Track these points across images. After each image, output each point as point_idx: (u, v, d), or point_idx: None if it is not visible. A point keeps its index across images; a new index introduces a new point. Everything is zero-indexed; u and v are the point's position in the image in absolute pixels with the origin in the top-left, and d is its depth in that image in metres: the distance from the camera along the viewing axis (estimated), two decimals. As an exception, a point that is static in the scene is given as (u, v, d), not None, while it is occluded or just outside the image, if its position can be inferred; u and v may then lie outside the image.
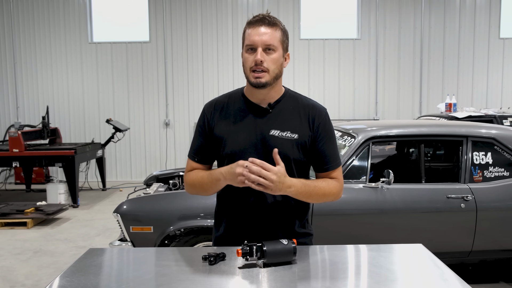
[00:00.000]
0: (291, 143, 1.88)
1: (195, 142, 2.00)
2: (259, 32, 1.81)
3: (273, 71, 1.83)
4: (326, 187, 1.88)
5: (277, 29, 1.84)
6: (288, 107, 1.93)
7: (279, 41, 1.84)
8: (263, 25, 1.82)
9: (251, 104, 1.93)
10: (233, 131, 1.90)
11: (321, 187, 1.87)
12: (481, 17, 10.18)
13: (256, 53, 1.81)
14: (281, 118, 1.91)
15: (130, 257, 1.91)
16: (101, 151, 8.85)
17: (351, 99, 10.26)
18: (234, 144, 1.89)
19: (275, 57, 1.83)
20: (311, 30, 10.19)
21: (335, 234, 3.58)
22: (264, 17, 1.84)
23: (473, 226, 3.65)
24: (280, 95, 1.94)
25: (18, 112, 10.19)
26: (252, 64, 1.82)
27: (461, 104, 9.12)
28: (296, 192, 1.79)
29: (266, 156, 1.85)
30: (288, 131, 1.89)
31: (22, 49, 10.10)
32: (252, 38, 1.82)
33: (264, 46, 1.81)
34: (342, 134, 4.05)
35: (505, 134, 3.92)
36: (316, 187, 1.85)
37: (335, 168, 1.95)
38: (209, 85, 10.12)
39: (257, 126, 1.89)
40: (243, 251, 1.67)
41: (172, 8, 10.01)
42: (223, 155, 1.92)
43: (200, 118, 2.00)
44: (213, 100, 2.02)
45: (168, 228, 3.52)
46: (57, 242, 5.58)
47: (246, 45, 1.85)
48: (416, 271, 1.76)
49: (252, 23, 1.84)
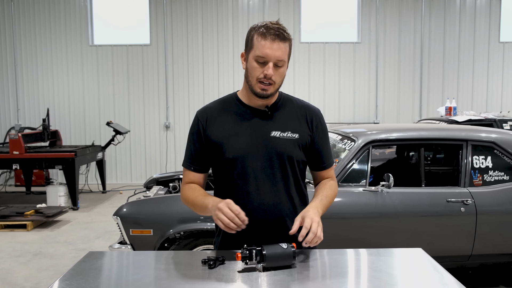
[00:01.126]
0: (292, 143, 1.90)
1: (190, 149, 1.98)
2: (273, 47, 1.79)
3: (278, 84, 1.86)
4: (333, 193, 2.00)
5: (288, 43, 1.84)
6: (285, 108, 1.96)
7: (287, 55, 1.85)
8: (277, 39, 1.79)
9: (249, 107, 1.93)
10: (232, 135, 1.89)
11: (329, 195, 1.97)
12: (481, 21, 10.20)
13: (267, 67, 1.80)
14: (280, 120, 1.92)
15: (130, 260, 1.91)
16: (101, 153, 8.85)
17: (351, 103, 10.26)
18: (235, 149, 1.88)
19: (283, 71, 1.85)
20: (311, 34, 10.21)
21: (335, 238, 3.57)
22: (280, 32, 1.80)
23: (473, 230, 3.64)
24: (275, 98, 1.96)
25: (18, 114, 10.20)
26: (261, 76, 1.81)
27: (461, 107, 9.13)
28: (322, 213, 1.88)
29: (268, 158, 1.88)
30: (288, 131, 1.91)
31: (23, 51, 10.12)
32: (265, 51, 1.79)
33: (276, 61, 1.80)
34: (342, 137, 4.05)
35: (505, 138, 3.92)
36: (327, 197, 1.95)
37: (330, 166, 2.06)
38: (209, 88, 10.13)
39: (257, 129, 1.90)
40: (243, 255, 1.67)
41: (172, 11, 10.03)
42: (223, 160, 1.90)
43: (194, 125, 1.97)
44: (206, 107, 2.00)
45: (168, 231, 3.52)
46: (57, 245, 5.57)
47: (257, 55, 1.81)
48: (415, 275, 1.76)
49: (264, 34, 1.80)
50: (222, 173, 1.95)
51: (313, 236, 1.70)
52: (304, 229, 1.71)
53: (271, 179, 1.89)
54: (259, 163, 1.88)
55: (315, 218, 1.75)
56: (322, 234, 1.75)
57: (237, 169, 1.89)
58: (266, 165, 1.88)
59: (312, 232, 1.71)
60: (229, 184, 1.92)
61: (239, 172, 1.89)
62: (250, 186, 1.87)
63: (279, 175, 1.90)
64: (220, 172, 1.95)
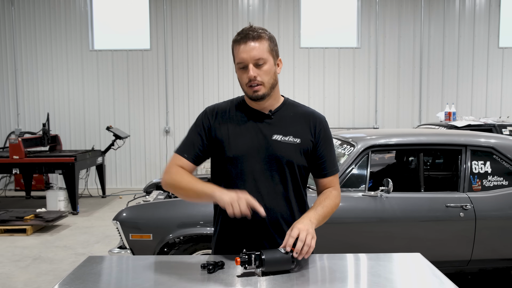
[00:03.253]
0: (294, 147, 1.91)
1: (189, 138, 1.99)
2: (246, 49, 1.83)
3: (268, 82, 1.87)
4: (332, 203, 1.94)
5: (263, 40, 1.85)
6: (289, 114, 1.96)
7: (268, 52, 1.86)
8: (248, 40, 1.84)
9: (253, 110, 1.95)
10: (234, 135, 1.92)
11: (328, 205, 1.92)
12: (481, 27, 10.23)
13: (248, 70, 1.84)
14: (283, 124, 1.93)
15: (129, 265, 1.91)
16: (101, 158, 8.86)
17: (351, 108, 10.28)
18: (236, 149, 1.90)
19: (267, 68, 1.86)
20: (311, 39, 10.24)
21: (334, 243, 3.57)
22: (248, 33, 1.85)
23: (472, 235, 3.65)
24: (280, 103, 1.97)
25: (18, 119, 10.21)
26: (247, 81, 1.86)
27: (460, 112, 9.14)
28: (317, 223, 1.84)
29: (268, 160, 1.89)
30: (290, 136, 1.91)
31: (23, 56, 10.15)
32: (241, 56, 1.85)
33: (254, 61, 1.83)
34: (342, 142, 4.06)
35: (504, 143, 3.92)
36: (325, 207, 1.90)
37: (333, 174, 2.01)
38: (209, 93, 10.15)
39: (259, 131, 1.91)
40: (242, 259, 1.67)
41: (173, 16, 10.06)
42: (224, 158, 1.92)
43: (200, 118, 2.00)
44: (215, 105, 2.04)
45: (167, 236, 3.52)
46: (57, 249, 5.57)
47: (237, 63, 1.88)
48: (414, 280, 1.76)
49: (238, 41, 1.87)
50: (221, 172, 1.95)
51: (301, 244, 1.68)
52: (291, 239, 1.70)
53: (270, 181, 1.90)
54: (258, 165, 1.89)
55: (304, 227, 1.72)
56: (313, 242, 1.71)
57: (237, 169, 1.90)
58: (265, 167, 1.89)
59: (300, 240, 1.69)
60: (228, 183, 1.91)
61: (238, 172, 1.90)
62: (248, 187, 1.87)
63: (278, 179, 1.90)
64: (220, 170, 1.96)
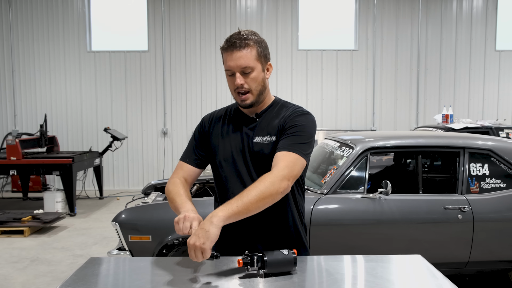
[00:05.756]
0: (271, 146, 1.93)
1: (190, 145, 2.10)
2: (233, 58, 1.86)
3: (255, 89, 1.91)
4: (258, 194, 1.72)
5: (250, 48, 1.86)
6: (272, 114, 2.00)
7: (255, 59, 1.88)
8: (235, 49, 1.85)
9: (242, 114, 2.03)
10: (224, 140, 2.01)
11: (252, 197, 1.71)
12: (477, 29, 10.28)
13: (235, 77, 1.88)
14: (264, 125, 1.98)
15: (131, 266, 1.92)
16: (99, 159, 8.85)
17: (348, 110, 10.31)
18: (224, 153, 1.99)
19: (254, 76, 1.89)
20: (309, 41, 10.26)
21: (333, 245, 3.58)
22: (234, 41, 1.85)
23: (470, 237, 3.66)
24: (267, 105, 2.02)
25: (16, 120, 10.19)
26: (235, 87, 1.90)
27: (457, 115, 9.18)
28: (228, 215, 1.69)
29: (252, 161, 1.95)
30: (268, 136, 1.96)
31: (21, 57, 10.12)
32: (228, 63, 1.88)
33: (240, 70, 1.86)
34: (340, 144, 4.08)
35: (501, 146, 3.95)
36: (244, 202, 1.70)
37: (282, 150, 1.84)
38: (207, 95, 10.15)
39: (244, 135, 1.98)
40: (244, 261, 1.68)
41: (171, 18, 10.07)
42: (215, 162, 2.03)
43: (198, 126, 2.12)
44: (213, 112, 2.15)
45: (166, 238, 3.53)
46: (54, 251, 5.56)
47: (225, 70, 1.92)
48: (413, 281, 1.77)
49: (225, 49, 1.89)
50: (215, 176, 2.07)
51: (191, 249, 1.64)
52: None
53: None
54: (244, 168, 1.96)
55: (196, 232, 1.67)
56: (203, 241, 1.61)
57: (225, 171, 1.99)
58: (251, 169, 1.95)
59: (188, 247, 1.65)
60: (219, 185, 2.05)
61: (227, 175, 1.99)
62: (236, 188, 1.92)
63: None
64: (214, 174, 2.07)
